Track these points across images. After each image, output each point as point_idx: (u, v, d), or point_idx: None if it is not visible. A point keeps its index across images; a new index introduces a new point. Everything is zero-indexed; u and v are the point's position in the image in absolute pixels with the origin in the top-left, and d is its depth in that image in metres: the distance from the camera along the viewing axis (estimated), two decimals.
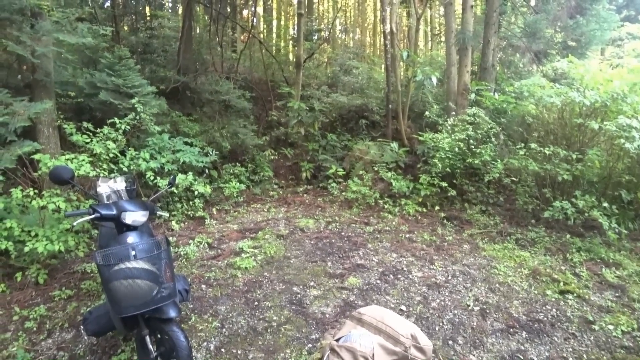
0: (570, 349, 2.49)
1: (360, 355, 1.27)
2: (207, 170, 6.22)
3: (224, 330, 2.72)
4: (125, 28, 8.99)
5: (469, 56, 6.05)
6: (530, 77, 6.19)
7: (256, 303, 3.09)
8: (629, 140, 3.59)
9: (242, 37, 12.46)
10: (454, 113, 5.87)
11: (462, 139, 5.29)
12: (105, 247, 2.73)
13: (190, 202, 5.37)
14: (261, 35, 12.61)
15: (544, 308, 2.96)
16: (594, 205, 3.87)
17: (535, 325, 2.73)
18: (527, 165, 4.46)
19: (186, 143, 5.56)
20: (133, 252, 1.98)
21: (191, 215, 5.27)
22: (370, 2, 16.90)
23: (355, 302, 3.11)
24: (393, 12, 7.62)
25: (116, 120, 4.08)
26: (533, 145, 4.41)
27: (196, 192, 5.10)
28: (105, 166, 3.86)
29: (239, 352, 2.48)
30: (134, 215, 2.20)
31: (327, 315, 2.91)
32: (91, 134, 3.95)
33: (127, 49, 4.98)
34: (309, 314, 2.93)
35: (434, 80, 6.30)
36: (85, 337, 2.62)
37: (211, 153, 5.97)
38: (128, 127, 4.14)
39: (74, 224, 2.19)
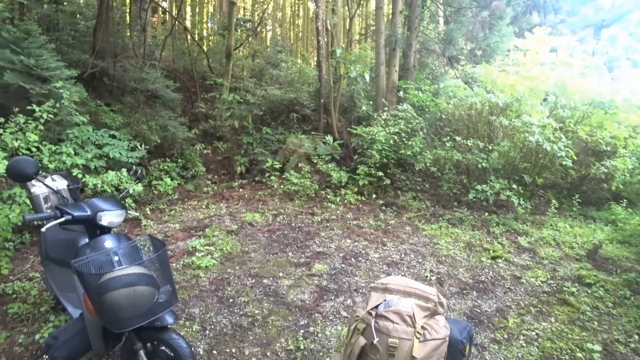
0: (510, 299, 3.08)
1: (406, 315, 1.44)
2: (134, 167, 5.61)
3: (207, 332, 2.59)
4: None
5: (397, 57, 6.67)
6: (444, 78, 7.10)
7: (231, 300, 3.00)
8: (530, 134, 4.49)
9: (154, 21, 11.35)
10: (386, 109, 6.41)
11: (396, 132, 5.84)
12: (58, 257, 2.31)
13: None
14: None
15: (483, 271, 3.54)
16: (506, 187, 4.72)
17: (481, 286, 3.27)
18: (453, 156, 5.17)
19: (112, 136, 4.94)
20: (116, 258, 1.76)
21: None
22: None
23: (329, 286, 3.26)
24: (327, 10, 7.88)
25: (35, 107, 3.42)
26: (458, 138, 5.13)
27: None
28: None
29: (233, 350, 2.41)
30: (111, 216, 1.96)
31: (307, 302, 2.99)
32: None
33: (35, 23, 4.14)
34: (289, 302, 2.98)
35: (367, 77, 6.76)
36: None
37: (140, 147, 5.40)
38: (51, 116, 3.51)
39: (43, 229, 1.84)
